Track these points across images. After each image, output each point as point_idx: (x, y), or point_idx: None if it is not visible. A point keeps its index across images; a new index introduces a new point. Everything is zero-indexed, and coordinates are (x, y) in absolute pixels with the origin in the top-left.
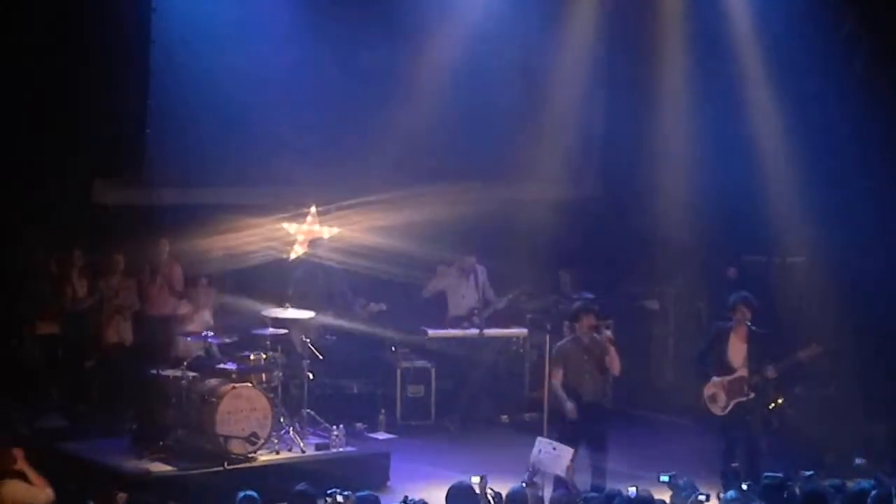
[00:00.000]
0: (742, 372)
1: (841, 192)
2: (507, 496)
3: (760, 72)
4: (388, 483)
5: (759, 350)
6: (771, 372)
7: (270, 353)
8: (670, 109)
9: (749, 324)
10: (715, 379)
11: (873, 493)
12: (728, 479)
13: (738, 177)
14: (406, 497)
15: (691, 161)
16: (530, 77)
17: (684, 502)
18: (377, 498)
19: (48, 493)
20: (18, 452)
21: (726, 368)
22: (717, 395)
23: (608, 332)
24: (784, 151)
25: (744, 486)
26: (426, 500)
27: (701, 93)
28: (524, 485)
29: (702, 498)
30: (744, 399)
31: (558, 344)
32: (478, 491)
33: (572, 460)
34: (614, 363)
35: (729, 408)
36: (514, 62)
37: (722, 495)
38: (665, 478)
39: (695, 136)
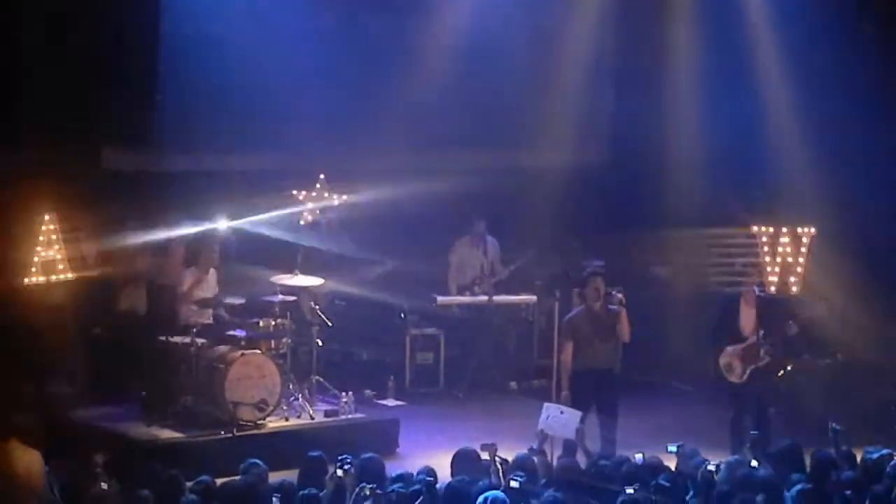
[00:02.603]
0: (753, 338)
1: (851, 162)
2: (513, 462)
3: (770, 41)
4: (398, 449)
5: (768, 315)
6: (791, 328)
7: (279, 320)
8: (679, 77)
9: (757, 290)
10: (728, 348)
11: (893, 461)
12: (736, 446)
13: (747, 144)
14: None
15: (700, 129)
16: (540, 44)
17: (693, 470)
18: (380, 460)
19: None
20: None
21: (738, 336)
22: (732, 364)
23: (620, 296)
24: (793, 121)
25: (752, 462)
26: (435, 466)
27: (710, 61)
28: (532, 451)
29: (711, 468)
30: (759, 365)
31: (568, 316)
32: (486, 457)
33: (582, 423)
34: (624, 329)
35: (746, 375)
36: (524, 30)
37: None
38: (673, 448)
39: (704, 104)
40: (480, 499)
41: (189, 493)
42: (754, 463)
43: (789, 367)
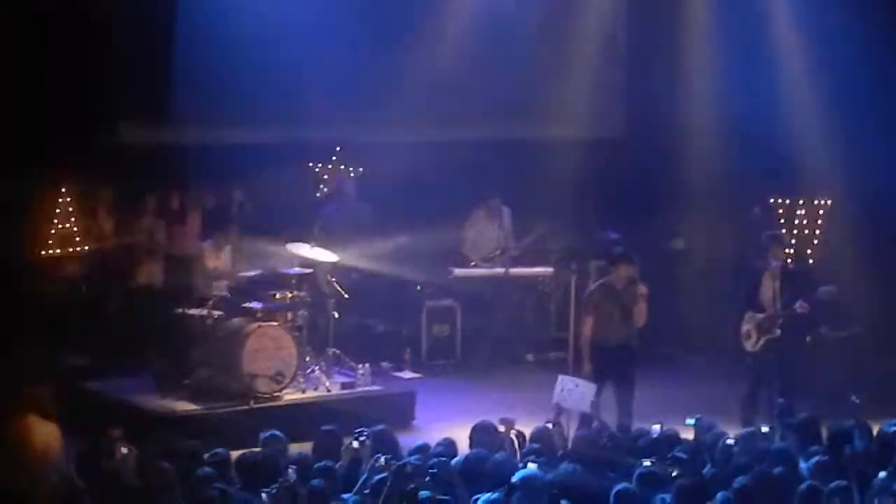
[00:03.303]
0: (772, 310)
1: (869, 132)
2: (531, 436)
3: (784, 11)
4: (414, 422)
5: (788, 288)
6: (800, 307)
7: (296, 292)
8: (694, 49)
9: (779, 262)
10: (749, 316)
11: None
12: (749, 417)
13: (763, 115)
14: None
15: (716, 100)
16: (555, 17)
17: (710, 443)
18: (392, 432)
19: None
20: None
21: (758, 306)
22: (750, 332)
23: (643, 288)
24: (810, 91)
25: (764, 428)
26: (452, 438)
27: (725, 32)
28: (549, 425)
29: (730, 442)
30: (772, 336)
31: (589, 289)
32: (502, 429)
33: (597, 395)
34: (641, 316)
35: (760, 344)
36: (540, 3)
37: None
38: (691, 421)
39: (719, 75)
40: (516, 477)
41: (204, 466)
42: (765, 429)
43: (808, 340)
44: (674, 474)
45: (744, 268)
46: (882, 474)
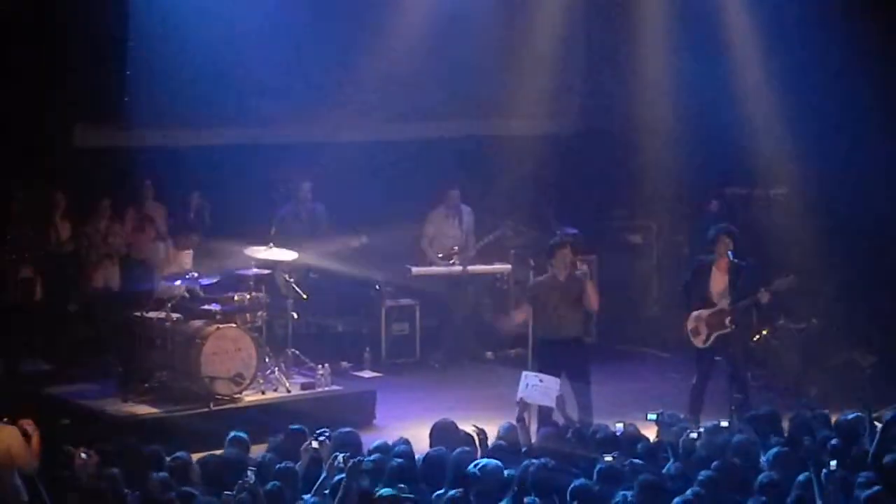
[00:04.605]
0: (723, 304)
1: (824, 124)
2: (497, 434)
3: (739, 4)
4: (375, 421)
5: (740, 282)
6: (764, 296)
7: (254, 293)
8: (651, 42)
9: (730, 256)
10: (696, 312)
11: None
12: (695, 411)
13: (720, 109)
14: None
15: (673, 94)
16: (511, 12)
17: (674, 438)
18: (357, 434)
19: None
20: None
21: (707, 301)
22: (698, 328)
23: (584, 268)
24: (766, 82)
25: (723, 423)
26: (412, 436)
27: (682, 25)
28: (515, 422)
29: (693, 436)
30: (724, 332)
31: (532, 281)
32: (469, 430)
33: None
34: (592, 299)
35: (710, 341)
36: None
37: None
38: (653, 416)
39: (676, 68)
40: (472, 466)
41: (165, 470)
42: (724, 424)
43: (764, 333)
44: (635, 470)
45: (694, 262)
46: (833, 463)
